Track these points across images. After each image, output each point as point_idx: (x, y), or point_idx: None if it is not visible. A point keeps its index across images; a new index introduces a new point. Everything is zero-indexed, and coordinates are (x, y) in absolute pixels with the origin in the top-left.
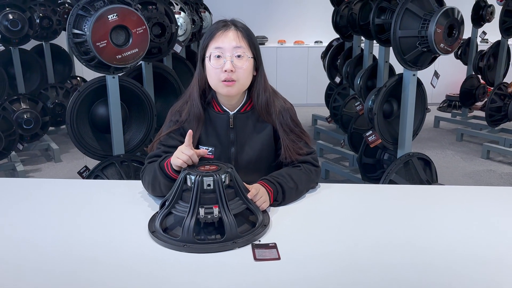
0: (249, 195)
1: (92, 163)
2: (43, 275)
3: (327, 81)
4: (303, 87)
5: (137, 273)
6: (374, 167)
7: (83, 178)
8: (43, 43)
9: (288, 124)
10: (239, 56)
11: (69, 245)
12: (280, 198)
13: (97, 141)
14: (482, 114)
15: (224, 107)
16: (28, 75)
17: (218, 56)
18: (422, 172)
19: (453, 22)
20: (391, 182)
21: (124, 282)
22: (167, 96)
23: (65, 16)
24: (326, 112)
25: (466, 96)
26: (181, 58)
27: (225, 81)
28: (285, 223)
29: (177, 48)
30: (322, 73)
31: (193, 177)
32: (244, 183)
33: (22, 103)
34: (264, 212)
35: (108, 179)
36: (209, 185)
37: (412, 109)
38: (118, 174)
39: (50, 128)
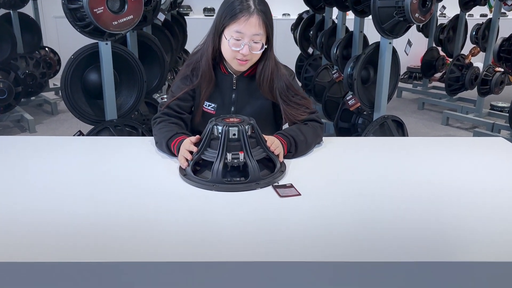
0: None
1: (81, 128)
2: (87, 217)
3: (296, 53)
4: None
5: (172, 210)
6: (349, 131)
7: None
8: (11, 11)
9: (287, 96)
10: (256, 42)
11: (107, 191)
12: (293, 150)
13: (90, 106)
14: (440, 84)
15: (230, 70)
16: None
17: (237, 39)
18: (396, 132)
19: None
20: None
21: (160, 218)
22: (151, 63)
23: None
24: None
25: (427, 67)
26: (160, 27)
27: (239, 59)
28: (298, 170)
29: (161, 17)
30: (291, 45)
31: (220, 128)
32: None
33: None
34: (282, 162)
35: None
36: (234, 134)
37: (388, 75)
38: None
39: (22, 99)
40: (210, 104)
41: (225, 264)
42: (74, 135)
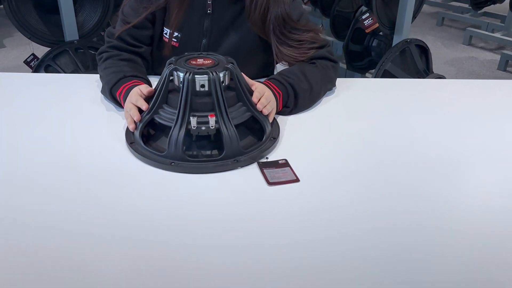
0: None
1: (40, 51)
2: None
3: None
4: None
5: (113, 193)
6: (361, 54)
7: (31, 68)
8: None
9: (282, 32)
10: None
11: (23, 160)
12: (292, 104)
13: (44, 23)
14: None
15: None
16: None
17: None
18: (419, 60)
19: None
20: (386, 72)
21: (96, 204)
22: None
23: None
24: None
25: None
26: None
27: None
28: (297, 134)
29: None
30: None
31: (181, 75)
32: (247, 80)
33: None
34: (273, 122)
35: (62, 69)
36: (202, 85)
37: None
38: (74, 64)
39: None
40: (175, 33)
41: None
42: (26, 60)
